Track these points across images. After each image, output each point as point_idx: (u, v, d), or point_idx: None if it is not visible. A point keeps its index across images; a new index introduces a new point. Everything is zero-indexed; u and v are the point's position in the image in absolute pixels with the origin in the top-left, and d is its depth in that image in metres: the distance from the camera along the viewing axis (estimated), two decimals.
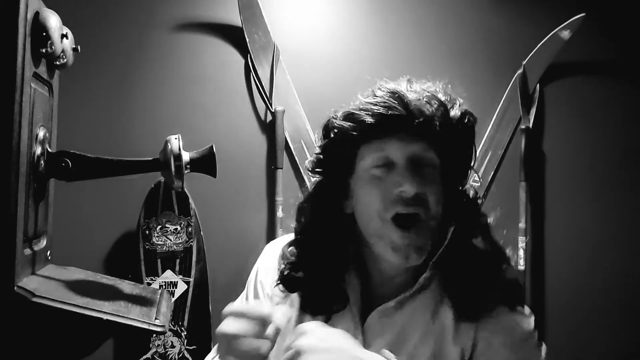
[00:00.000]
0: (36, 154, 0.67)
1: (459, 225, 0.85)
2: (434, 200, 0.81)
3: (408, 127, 0.80)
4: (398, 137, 0.81)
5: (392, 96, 0.81)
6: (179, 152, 0.71)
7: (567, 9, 1.96)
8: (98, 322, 0.62)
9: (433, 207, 0.81)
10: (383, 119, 0.80)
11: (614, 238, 1.99)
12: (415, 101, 0.80)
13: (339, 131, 0.84)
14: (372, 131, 0.81)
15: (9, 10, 0.59)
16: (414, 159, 0.81)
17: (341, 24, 1.93)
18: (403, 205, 0.80)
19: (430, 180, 0.81)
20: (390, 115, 0.80)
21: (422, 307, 0.85)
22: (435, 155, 0.83)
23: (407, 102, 0.80)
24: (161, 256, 1.71)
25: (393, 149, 0.81)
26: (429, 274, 0.84)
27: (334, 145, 0.86)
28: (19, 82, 0.60)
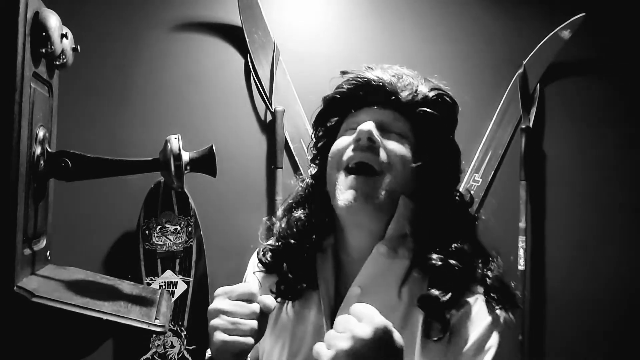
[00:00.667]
0: (36, 153, 0.67)
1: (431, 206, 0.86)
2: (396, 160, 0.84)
3: (376, 98, 0.87)
4: (369, 108, 0.88)
5: (360, 73, 0.89)
6: (179, 152, 0.71)
7: (567, 9, 1.96)
8: (98, 322, 0.62)
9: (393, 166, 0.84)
10: (351, 91, 0.89)
11: (614, 238, 1.99)
12: (382, 74, 0.88)
13: (320, 113, 0.94)
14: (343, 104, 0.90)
15: (8, 10, 0.59)
16: (381, 123, 0.86)
17: (341, 24, 1.93)
18: (357, 151, 0.84)
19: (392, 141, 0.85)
20: (357, 87, 0.88)
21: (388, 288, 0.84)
22: (406, 126, 0.86)
23: (373, 76, 0.87)
24: (161, 256, 1.71)
25: (363, 115, 0.87)
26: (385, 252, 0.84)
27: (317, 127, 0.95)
28: (18, 82, 0.60)
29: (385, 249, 0.85)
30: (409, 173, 0.85)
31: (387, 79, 0.87)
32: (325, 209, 0.90)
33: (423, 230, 0.85)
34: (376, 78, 0.87)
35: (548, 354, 1.96)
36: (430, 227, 0.85)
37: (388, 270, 0.85)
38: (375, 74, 0.88)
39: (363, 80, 0.88)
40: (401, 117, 0.87)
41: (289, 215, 0.95)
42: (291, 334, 0.89)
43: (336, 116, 0.92)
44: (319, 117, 0.94)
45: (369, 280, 0.85)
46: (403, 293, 0.84)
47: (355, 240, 0.89)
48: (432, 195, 0.86)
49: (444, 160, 0.87)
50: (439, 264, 0.81)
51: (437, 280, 0.81)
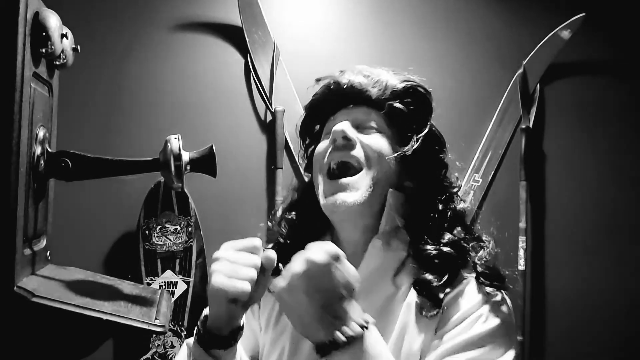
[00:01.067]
0: (36, 153, 0.67)
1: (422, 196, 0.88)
2: (375, 155, 0.86)
3: (349, 98, 0.91)
4: (345, 109, 0.92)
5: (332, 78, 0.93)
6: (179, 152, 0.71)
7: (567, 9, 1.96)
8: (98, 322, 0.62)
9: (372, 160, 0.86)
10: (325, 96, 0.93)
11: (614, 238, 1.99)
12: (351, 76, 0.91)
13: (303, 122, 0.99)
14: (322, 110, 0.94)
15: (9, 10, 0.59)
16: (356, 121, 0.89)
17: (341, 24, 1.93)
18: (335, 151, 0.87)
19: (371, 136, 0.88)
20: (330, 91, 0.92)
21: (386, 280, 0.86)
22: (382, 121, 0.89)
23: (344, 79, 0.91)
24: (161, 256, 1.71)
25: (339, 117, 0.91)
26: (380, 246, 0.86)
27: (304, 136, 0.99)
28: (18, 82, 0.60)
29: (380, 244, 0.86)
30: (389, 165, 0.87)
31: (357, 79, 0.91)
32: (318, 210, 0.91)
33: (415, 221, 0.86)
34: (346, 80, 0.91)
35: (548, 354, 1.96)
36: (421, 217, 0.86)
37: (384, 263, 0.86)
38: (346, 77, 0.92)
39: (334, 84, 0.92)
40: (375, 113, 0.89)
41: (284, 217, 0.98)
42: (292, 332, 0.90)
43: (318, 122, 0.97)
44: (303, 125, 0.99)
45: (367, 274, 0.86)
46: (399, 281, 0.85)
47: (348, 237, 0.91)
48: (419, 185, 0.88)
49: (424, 149, 0.89)
50: (433, 253, 0.83)
51: (431, 266, 0.83)
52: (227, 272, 0.73)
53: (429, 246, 0.84)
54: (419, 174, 0.89)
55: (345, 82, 0.91)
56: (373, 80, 0.90)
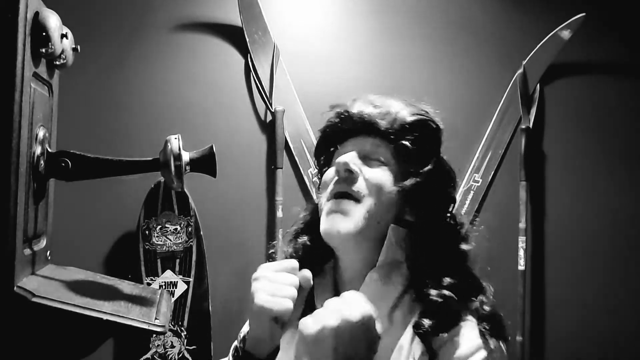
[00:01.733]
0: (36, 154, 0.67)
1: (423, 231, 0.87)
2: (375, 187, 0.86)
3: (358, 128, 0.91)
4: (354, 138, 0.92)
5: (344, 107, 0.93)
6: (179, 152, 0.71)
7: (567, 9, 1.96)
8: (98, 322, 0.62)
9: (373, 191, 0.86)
10: (336, 125, 0.94)
11: (614, 238, 1.99)
12: (363, 106, 0.92)
13: (317, 145, 1.00)
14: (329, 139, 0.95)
15: (8, 10, 0.59)
16: (363, 152, 0.90)
17: (341, 24, 1.93)
18: (336, 183, 0.88)
19: (374, 169, 0.88)
20: (341, 120, 0.92)
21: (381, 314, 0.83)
22: (388, 152, 0.89)
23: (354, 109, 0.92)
24: (161, 256, 1.71)
25: (348, 146, 0.92)
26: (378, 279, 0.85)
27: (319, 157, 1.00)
28: (18, 82, 0.60)
29: (377, 276, 0.86)
30: (389, 198, 0.87)
31: (367, 110, 0.91)
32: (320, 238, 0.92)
33: (416, 257, 0.86)
34: (356, 111, 0.91)
35: (548, 354, 1.96)
36: (422, 254, 0.86)
37: (381, 296, 0.85)
38: (356, 107, 0.92)
39: (345, 114, 0.92)
40: (383, 144, 0.89)
41: (294, 241, 0.98)
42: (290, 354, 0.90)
43: (331, 146, 0.97)
44: (317, 149, 1.00)
45: None
46: (395, 317, 0.85)
47: (348, 265, 0.90)
48: (421, 220, 0.88)
49: (428, 184, 0.88)
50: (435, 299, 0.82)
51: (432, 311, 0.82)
52: (269, 290, 0.76)
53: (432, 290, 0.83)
54: (421, 209, 0.88)
55: (355, 112, 0.91)
56: (382, 112, 0.90)
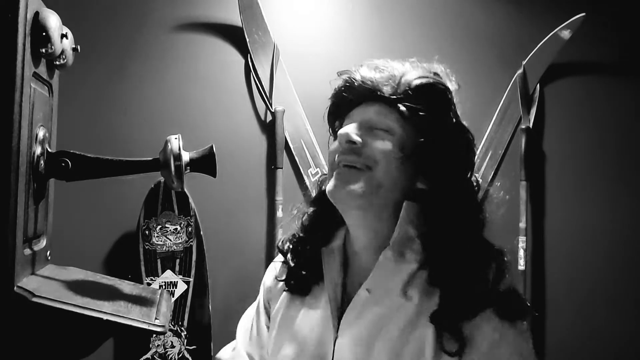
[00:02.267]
0: (36, 154, 0.67)
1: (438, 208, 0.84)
2: (380, 157, 0.84)
3: (363, 96, 0.89)
4: (360, 107, 0.90)
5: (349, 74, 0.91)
6: (179, 152, 0.71)
7: (567, 9, 1.96)
8: (98, 322, 0.62)
9: (378, 162, 0.84)
10: (341, 93, 0.92)
11: (614, 238, 1.99)
12: (366, 72, 0.89)
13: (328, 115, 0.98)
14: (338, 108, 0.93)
15: (8, 10, 0.59)
16: (368, 122, 0.87)
17: (341, 24, 1.93)
18: (340, 154, 0.86)
19: (378, 138, 0.85)
20: (346, 88, 0.90)
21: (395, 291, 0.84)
22: (394, 120, 0.86)
23: (358, 75, 0.89)
24: (161, 256, 1.71)
25: (355, 115, 0.90)
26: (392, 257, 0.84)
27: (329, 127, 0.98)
28: (18, 82, 0.60)
29: (391, 254, 0.84)
30: (395, 168, 0.84)
31: (370, 76, 0.88)
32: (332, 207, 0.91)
33: (431, 232, 0.83)
34: (359, 77, 0.89)
35: (548, 354, 1.96)
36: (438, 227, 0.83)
37: (396, 273, 0.84)
38: (361, 73, 0.89)
39: (350, 81, 0.90)
40: (389, 111, 0.86)
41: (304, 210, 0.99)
42: (298, 328, 0.91)
43: (341, 114, 0.94)
44: (328, 116, 0.98)
45: (377, 283, 0.85)
46: (411, 294, 0.83)
47: (358, 239, 0.89)
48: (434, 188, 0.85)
49: (441, 149, 0.85)
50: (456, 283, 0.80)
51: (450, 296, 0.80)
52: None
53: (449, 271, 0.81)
54: (434, 176, 0.85)
55: (360, 79, 0.88)
56: (385, 77, 0.87)
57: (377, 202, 0.84)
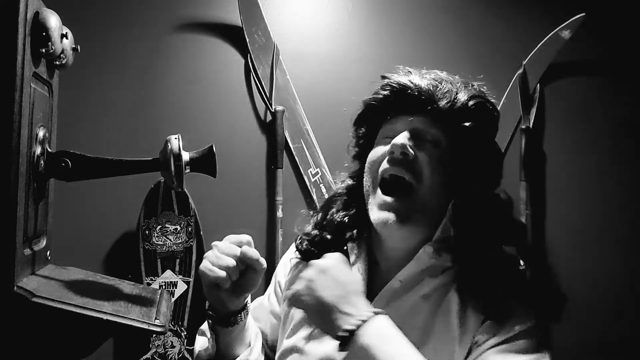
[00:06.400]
0: (36, 153, 0.67)
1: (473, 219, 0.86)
2: (428, 171, 0.85)
3: (412, 105, 0.87)
4: (407, 115, 0.88)
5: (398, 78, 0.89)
6: (179, 152, 0.71)
7: (567, 9, 1.96)
8: (98, 322, 0.62)
9: (425, 176, 0.85)
10: (387, 97, 0.89)
11: (614, 238, 1.99)
12: (419, 81, 0.88)
13: (359, 116, 0.95)
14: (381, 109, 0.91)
15: (8, 10, 0.59)
16: (416, 132, 0.87)
17: (341, 24, 1.93)
18: (391, 164, 0.86)
19: (426, 151, 0.86)
20: (393, 93, 0.88)
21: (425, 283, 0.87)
22: (441, 133, 0.86)
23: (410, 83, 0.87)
24: (161, 256, 1.71)
25: (400, 124, 0.88)
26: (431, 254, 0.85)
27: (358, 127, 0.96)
28: (18, 82, 0.60)
29: (431, 250, 0.86)
30: (441, 181, 0.86)
31: (424, 86, 0.87)
32: (362, 209, 0.92)
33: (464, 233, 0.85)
34: (413, 86, 0.87)
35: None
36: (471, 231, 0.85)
37: (429, 269, 0.87)
38: (413, 81, 0.88)
39: (399, 87, 0.88)
40: (437, 125, 0.87)
41: (328, 210, 0.99)
42: None
43: (375, 119, 0.94)
44: (360, 119, 0.96)
45: (410, 275, 0.87)
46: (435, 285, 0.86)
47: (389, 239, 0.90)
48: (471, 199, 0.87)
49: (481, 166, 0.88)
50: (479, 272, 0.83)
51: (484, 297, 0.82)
52: (210, 258, 0.85)
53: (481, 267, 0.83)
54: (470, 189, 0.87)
55: (413, 89, 0.87)
56: (442, 90, 0.87)
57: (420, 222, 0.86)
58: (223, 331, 0.92)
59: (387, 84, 0.90)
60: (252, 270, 0.88)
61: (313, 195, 1.87)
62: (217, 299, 0.89)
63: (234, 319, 0.91)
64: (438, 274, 0.87)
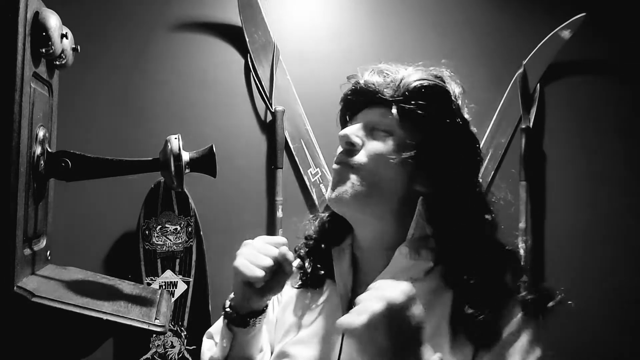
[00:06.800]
0: (36, 154, 0.67)
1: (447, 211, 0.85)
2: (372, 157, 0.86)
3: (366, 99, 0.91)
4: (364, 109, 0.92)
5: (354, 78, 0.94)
6: (179, 152, 0.71)
7: (567, 9, 1.96)
8: (98, 322, 0.62)
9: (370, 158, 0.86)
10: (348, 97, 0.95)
11: (614, 238, 1.99)
12: (370, 76, 0.91)
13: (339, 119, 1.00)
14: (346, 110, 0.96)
15: (8, 10, 0.59)
16: (369, 124, 0.90)
17: (341, 24, 1.93)
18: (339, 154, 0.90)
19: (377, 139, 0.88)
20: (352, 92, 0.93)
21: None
22: (394, 122, 0.87)
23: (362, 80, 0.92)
24: (161, 256, 1.71)
25: (359, 118, 0.93)
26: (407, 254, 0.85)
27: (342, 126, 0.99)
28: (18, 82, 0.60)
29: (407, 251, 0.85)
30: (392, 169, 0.85)
31: (373, 80, 0.90)
32: None
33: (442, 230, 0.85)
34: (363, 81, 0.91)
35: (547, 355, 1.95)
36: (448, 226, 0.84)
37: (409, 270, 0.85)
38: (365, 77, 0.92)
39: (354, 85, 0.93)
40: (389, 113, 0.87)
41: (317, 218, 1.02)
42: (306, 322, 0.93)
43: (347, 118, 0.98)
44: (340, 118, 1.00)
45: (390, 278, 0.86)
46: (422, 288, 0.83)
47: (362, 239, 0.92)
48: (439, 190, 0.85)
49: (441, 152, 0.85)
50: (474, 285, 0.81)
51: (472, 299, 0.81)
52: (247, 256, 0.85)
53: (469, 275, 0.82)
54: (436, 178, 0.85)
55: (364, 84, 0.91)
56: (388, 80, 0.89)
57: (374, 202, 0.86)
58: (240, 332, 0.91)
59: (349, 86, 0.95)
60: (282, 272, 0.87)
61: (313, 195, 1.87)
62: (245, 297, 0.88)
63: (253, 320, 0.90)
64: (421, 276, 0.84)
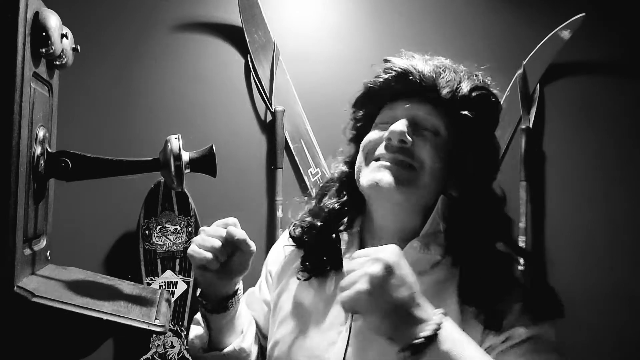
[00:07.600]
0: (36, 154, 0.67)
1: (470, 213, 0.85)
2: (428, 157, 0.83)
3: (414, 91, 0.85)
4: (407, 101, 0.86)
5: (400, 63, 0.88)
6: (179, 152, 0.71)
7: (567, 9, 1.96)
8: (98, 322, 0.62)
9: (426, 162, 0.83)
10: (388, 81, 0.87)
11: (614, 237, 1.99)
12: (422, 66, 0.86)
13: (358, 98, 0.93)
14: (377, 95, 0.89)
15: (8, 10, 0.59)
16: (415, 120, 0.85)
17: (341, 24, 1.93)
18: (388, 151, 0.84)
19: (425, 138, 0.84)
20: (395, 78, 0.86)
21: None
22: (441, 123, 0.85)
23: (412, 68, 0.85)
24: (161, 256, 1.71)
25: (399, 110, 0.87)
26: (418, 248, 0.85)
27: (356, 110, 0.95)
28: (18, 82, 0.60)
29: (418, 245, 0.85)
30: (437, 171, 0.85)
31: (427, 73, 0.85)
32: (356, 194, 0.91)
33: (457, 228, 0.85)
34: (415, 71, 0.85)
35: None
36: (464, 225, 0.84)
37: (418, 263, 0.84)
38: (415, 66, 0.86)
39: (401, 71, 0.86)
40: (437, 113, 0.85)
41: (322, 197, 0.98)
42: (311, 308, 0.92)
43: (375, 102, 0.92)
44: (359, 101, 0.94)
45: None
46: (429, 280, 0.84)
47: (381, 226, 0.89)
48: (467, 193, 0.86)
49: (479, 158, 0.86)
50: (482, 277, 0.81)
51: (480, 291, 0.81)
52: (196, 241, 0.86)
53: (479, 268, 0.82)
54: (468, 180, 0.86)
55: (414, 72, 0.85)
56: (445, 79, 0.85)
57: (415, 200, 0.85)
58: (214, 318, 0.91)
59: (390, 68, 0.88)
60: (239, 252, 0.87)
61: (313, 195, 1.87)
62: (206, 282, 0.88)
63: (224, 304, 0.90)
64: (427, 269, 0.85)
